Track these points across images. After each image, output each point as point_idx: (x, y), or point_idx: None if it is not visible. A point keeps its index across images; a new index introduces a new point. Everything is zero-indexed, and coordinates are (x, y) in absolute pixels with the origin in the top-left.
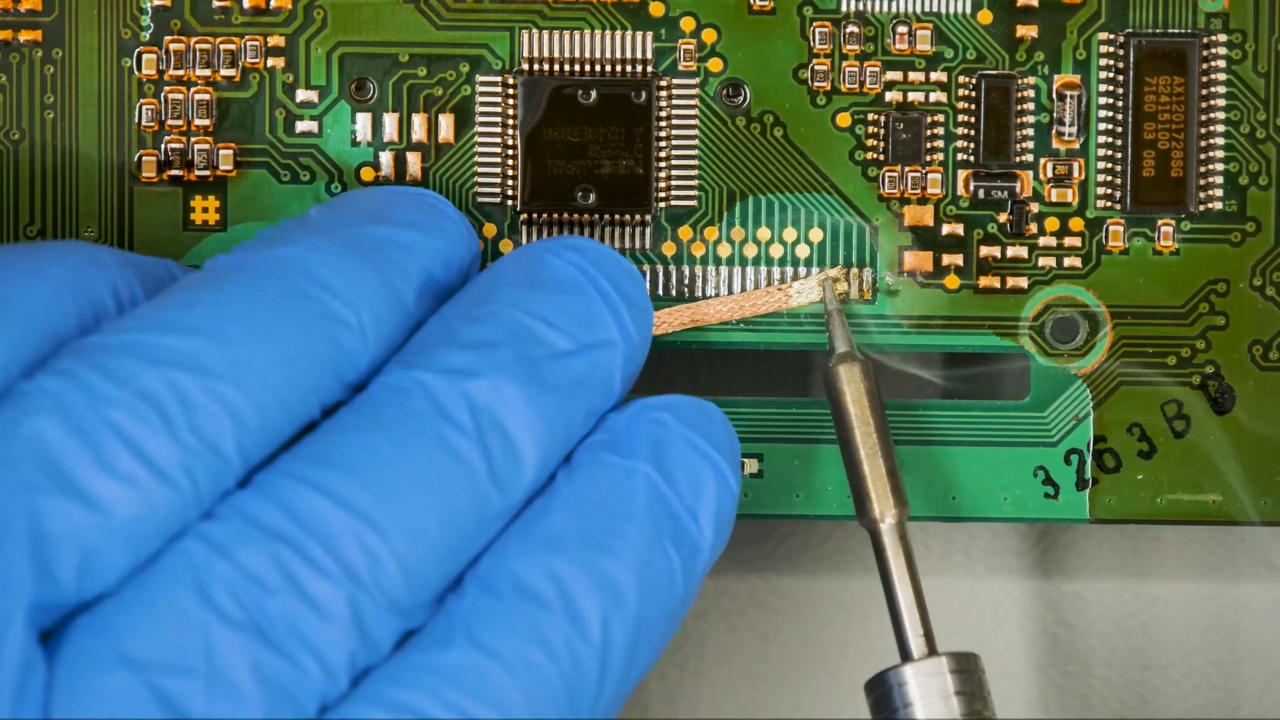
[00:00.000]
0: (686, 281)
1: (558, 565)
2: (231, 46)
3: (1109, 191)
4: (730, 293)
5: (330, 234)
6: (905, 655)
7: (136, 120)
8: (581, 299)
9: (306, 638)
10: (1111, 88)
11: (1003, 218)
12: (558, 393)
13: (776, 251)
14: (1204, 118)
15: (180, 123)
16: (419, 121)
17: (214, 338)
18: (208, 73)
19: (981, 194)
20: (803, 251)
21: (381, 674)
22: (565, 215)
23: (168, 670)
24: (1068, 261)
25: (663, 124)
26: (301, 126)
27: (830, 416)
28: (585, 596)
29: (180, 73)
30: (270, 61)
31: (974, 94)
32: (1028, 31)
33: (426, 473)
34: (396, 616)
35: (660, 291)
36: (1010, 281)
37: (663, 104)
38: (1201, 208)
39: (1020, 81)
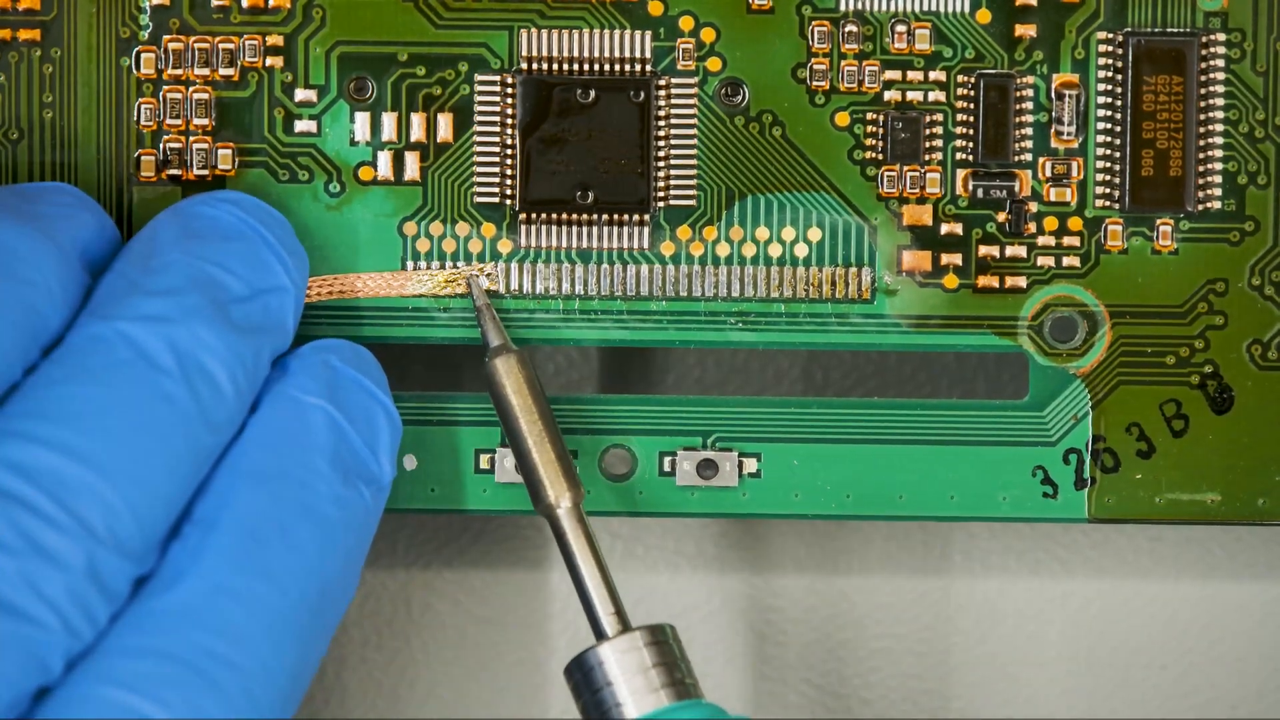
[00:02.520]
0: (685, 281)
1: (268, 500)
2: (230, 46)
3: (1108, 191)
4: (729, 293)
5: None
6: (600, 635)
7: (135, 119)
8: (249, 246)
9: (44, 593)
10: (1110, 87)
11: (1001, 217)
12: (244, 333)
13: (775, 251)
14: (1203, 117)
15: (179, 122)
16: (418, 121)
17: None
18: (206, 72)
19: (980, 193)
20: (801, 251)
21: (123, 624)
22: (564, 215)
23: None
24: (1066, 261)
25: (661, 123)
26: (300, 126)
27: (838, 416)
28: (298, 529)
29: (179, 72)
30: (269, 61)
31: (973, 93)
32: (1026, 31)
33: (144, 419)
34: (130, 562)
35: (659, 291)
36: (1009, 281)
37: (661, 103)
38: (1200, 207)
39: (1019, 81)
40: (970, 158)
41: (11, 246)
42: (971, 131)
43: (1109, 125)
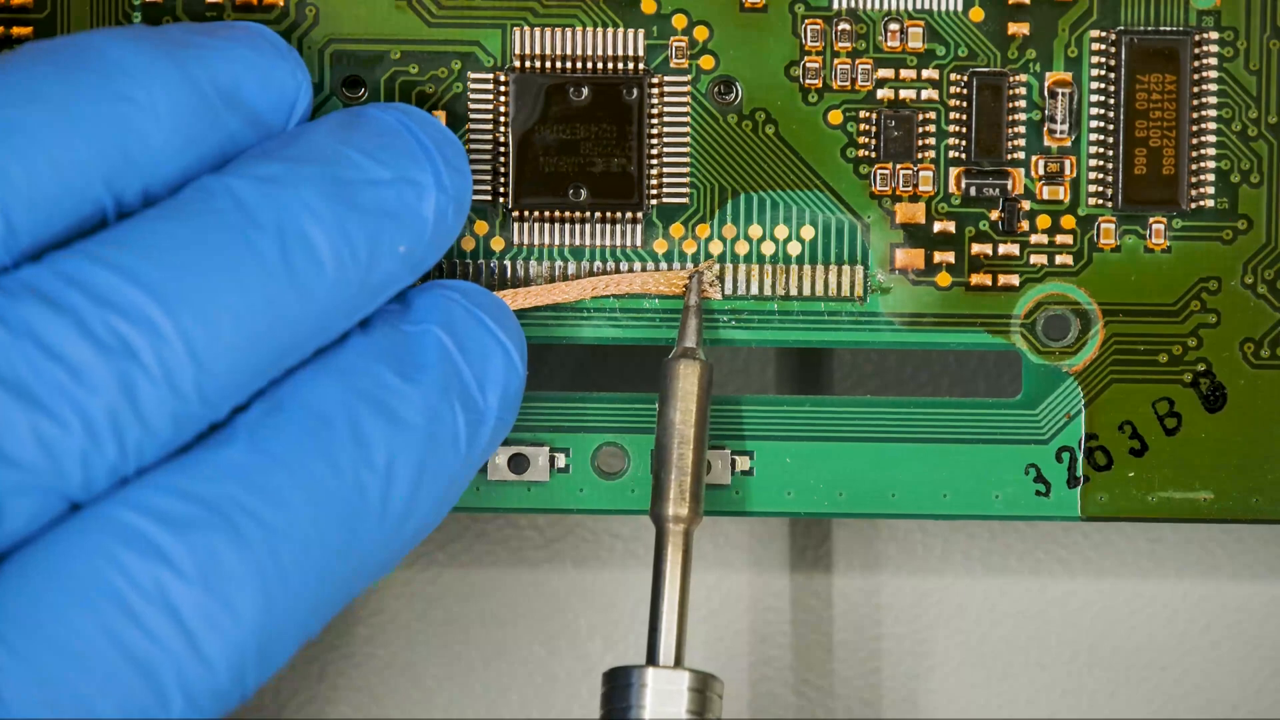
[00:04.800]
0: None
1: (347, 394)
2: None
3: (1101, 189)
4: (723, 292)
5: (135, 29)
6: (652, 658)
7: None
8: (400, 141)
9: (71, 395)
10: (1103, 85)
11: (994, 215)
12: (365, 214)
13: (768, 249)
14: (1195, 115)
15: None
16: None
17: None
18: None
19: (973, 191)
20: (794, 249)
21: (163, 466)
22: (557, 212)
23: None
24: (1059, 259)
25: (654, 121)
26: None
27: (831, 414)
28: (372, 426)
29: None
30: None
31: (966, 91)
32: (1019, 29)
33: (222, 261)
34: (175, 398)
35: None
36: (1002, 279)
37: (654, 101)
38: (1193, 205)
39: (1012, 79)
40: (963, 156)
41: (119, 60)
42: (964, 130)
43: (1102, 123)
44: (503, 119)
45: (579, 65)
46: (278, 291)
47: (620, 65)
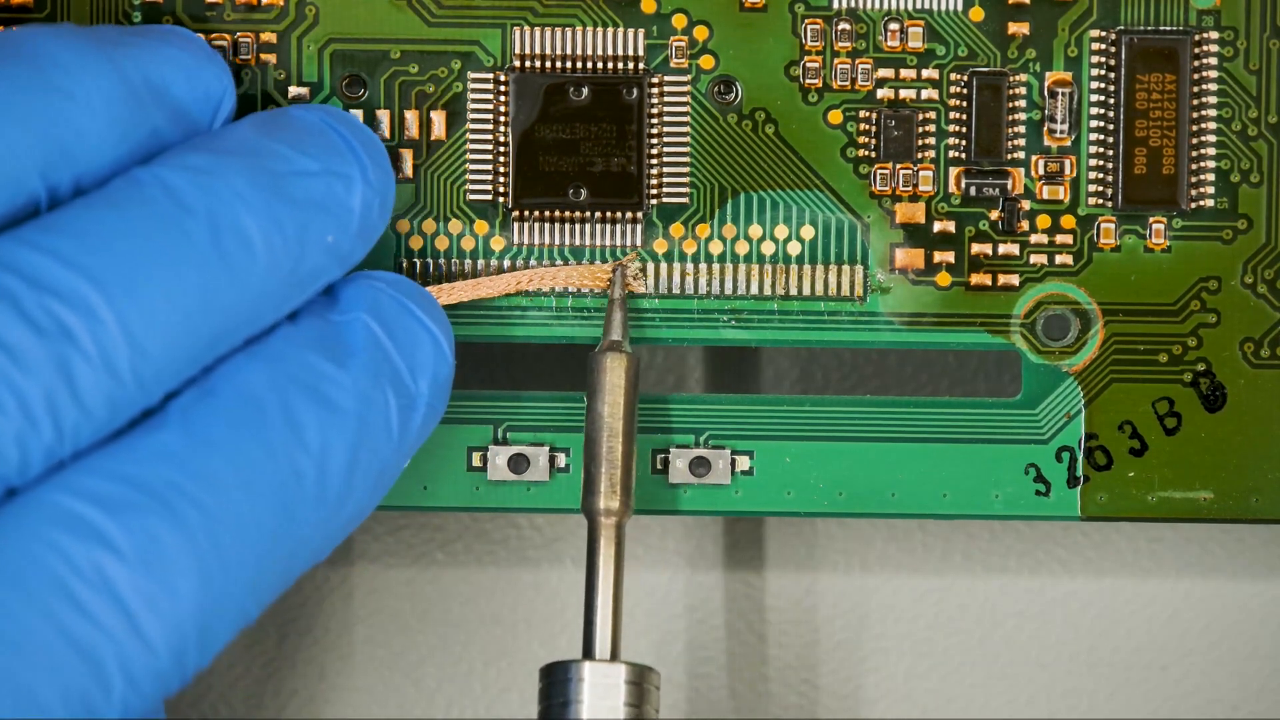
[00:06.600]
0: (678, 278)
1: (278, 379)
2: (223, 43)
3: (1100, 189)
4: (723, 291)
5: (69, 27)
6: (588, 652)
7: None
8: (325, 139)
9: (7, 377)
10: (1103, 85)
11: (994, 215)
12: (294, 204)
13: (768, 249)
14: (1195, 115)
15: None
16: (411, 118)
17: None
18: None
19: (973, 191)
20: (794, 249)
21: (100, 450)
22: (557, 212)
23: None
24: (1059, 259)
25: (654, 121)
26: None
27: (831, 414)
28: (305, 410)
29: None
30: (262, 58)
31: (965, 91)
32: (1019, 29)
33: (156, 247)
34: (112, 381)
35: (652, 289)
36: (1002, 279)
37: (654, 101)
38: (1193, 205)
39: (1012, 79)
40: (963, 155)
41: (54, 55)
42: (964, 129)
43: (1102, 123)
44: (503, 119)
45: (579, 65)
46: (212, 277)
47: (620, 65)
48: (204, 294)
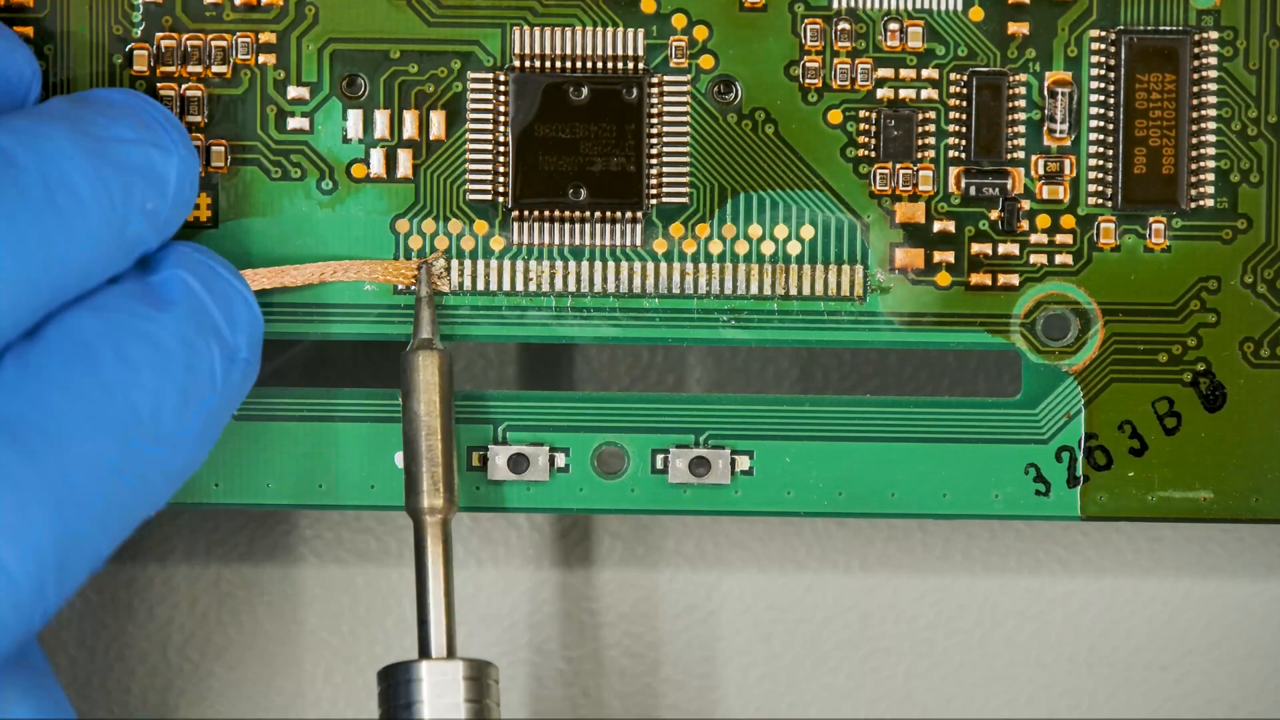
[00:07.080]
0: (678, 278)
1: (106, 324)
2: (223, 43)
3: (1100, 189)
4: (723, 291)
5: None
6: (424, 652)
7: None
8: (134, 114)
9: None
10: (1103, 85)
11: (994, 215)
12: (117, 166)
13: (768, 249)
14: (1195, 115)
15: None
16: (410, 118)
17: None
18: (199, 69)
19: (973, 191)
20: (794, 248)
21: None
22: (556, 212)
23: None
24: (1059, 259)
25: (654, 121)
26: (293, 123)
27: (831, 413)
28: (135, 349)
29: (171, 69)
30: (261, 58)
31: (965, 91)
32: (1019, 28)
33: None
34: None
35: (651, 288)
36: (1001, 279)
37: (654, 101)
38: (1193, 205)
39: (1012, 78)
40: (963, 155)
41: None
42: (964, 129)
43: (1101, 123)
44: (502, 119)
45: (579, 65)
46: (48, 231)
47: (620, 65)
48: (41, 247)
